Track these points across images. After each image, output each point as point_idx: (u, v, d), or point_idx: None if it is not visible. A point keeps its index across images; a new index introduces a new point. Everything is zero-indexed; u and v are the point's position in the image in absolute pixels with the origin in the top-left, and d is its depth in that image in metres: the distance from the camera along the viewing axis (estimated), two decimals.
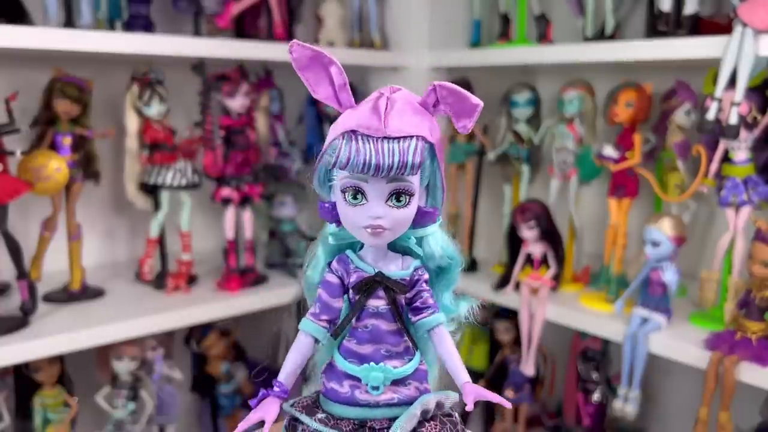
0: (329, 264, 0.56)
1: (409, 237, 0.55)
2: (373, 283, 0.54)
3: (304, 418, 0.55)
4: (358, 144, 0.50)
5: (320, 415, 0.55)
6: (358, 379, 0.54)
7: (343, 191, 0.52)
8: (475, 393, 0.53)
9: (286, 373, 0.55)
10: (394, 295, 0.55)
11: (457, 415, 0.56)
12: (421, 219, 0.54)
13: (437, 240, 0.56)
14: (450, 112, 0.52)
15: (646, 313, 1.19)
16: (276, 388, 0.55)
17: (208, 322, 1.37)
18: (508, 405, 0.54)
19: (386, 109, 0.50)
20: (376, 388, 0.54)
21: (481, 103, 0.51)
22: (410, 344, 0.56)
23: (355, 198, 0.51)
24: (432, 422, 0.54)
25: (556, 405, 1.56)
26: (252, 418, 0.53)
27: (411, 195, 0.52)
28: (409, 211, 0.53)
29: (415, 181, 0.52)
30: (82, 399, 1.24)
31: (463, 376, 0.54)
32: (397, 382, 0.55)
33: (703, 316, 1.21)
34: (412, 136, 0.50)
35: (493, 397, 0.53)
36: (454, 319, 0.58)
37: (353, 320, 0.55)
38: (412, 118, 0.51)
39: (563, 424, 1.49)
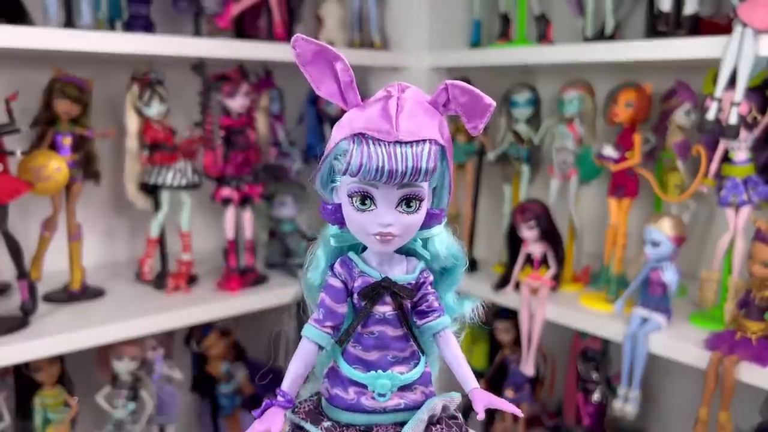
0: (332, 267, 0.54)
1: (415, 239, 0.54)
2: (380, 289, 0.52)
3: (309, 426, 0.53)
4: (370, 149, 0.47)
5: (326, 424, 0.53)
6: (364, 386, 0.53)
7: (350, 196, 0.50)
8: (486, 401, 0.51)
9: (290, 382, 0.53)
10: (402, 301, 0.53)
11: (461, 416, 0.56)
12: (428, 221, 0.53)
13: (443, 241, 0.55)
14: (461, 112, 0.50)
15: (646, 313, 1.19)
16: (280, 398, 0.52)
17: (208, 322, 1.37)
18: (519, 413, 0.52)
19: (397, 110, 0.48)
20: (383, 395, 0.53)
21: (494, 104, 0.49)
22: (416, 348, 0.55)
23: (363, 203, 0.49)
24: (438, 425, 0.53)
25: (556, 405, 1.56)
26: (257, 428, 0.50)
27: (421, 200, 0.50)
28: (419, 216, 0.51)
29: (425, 186, 0.50)
30: (82, 399, 1.24)
31: (471, 382, 0.53)
32: (404, 388, 0.54)
33: (703, 316, 1.21)
34: (425, 140, 0.48)
35: (503, 404, 0.51)
36: (458, 319, 0.57)
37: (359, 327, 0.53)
38: (424, 120, 0.49)
39: (563, 424, 1.49)
